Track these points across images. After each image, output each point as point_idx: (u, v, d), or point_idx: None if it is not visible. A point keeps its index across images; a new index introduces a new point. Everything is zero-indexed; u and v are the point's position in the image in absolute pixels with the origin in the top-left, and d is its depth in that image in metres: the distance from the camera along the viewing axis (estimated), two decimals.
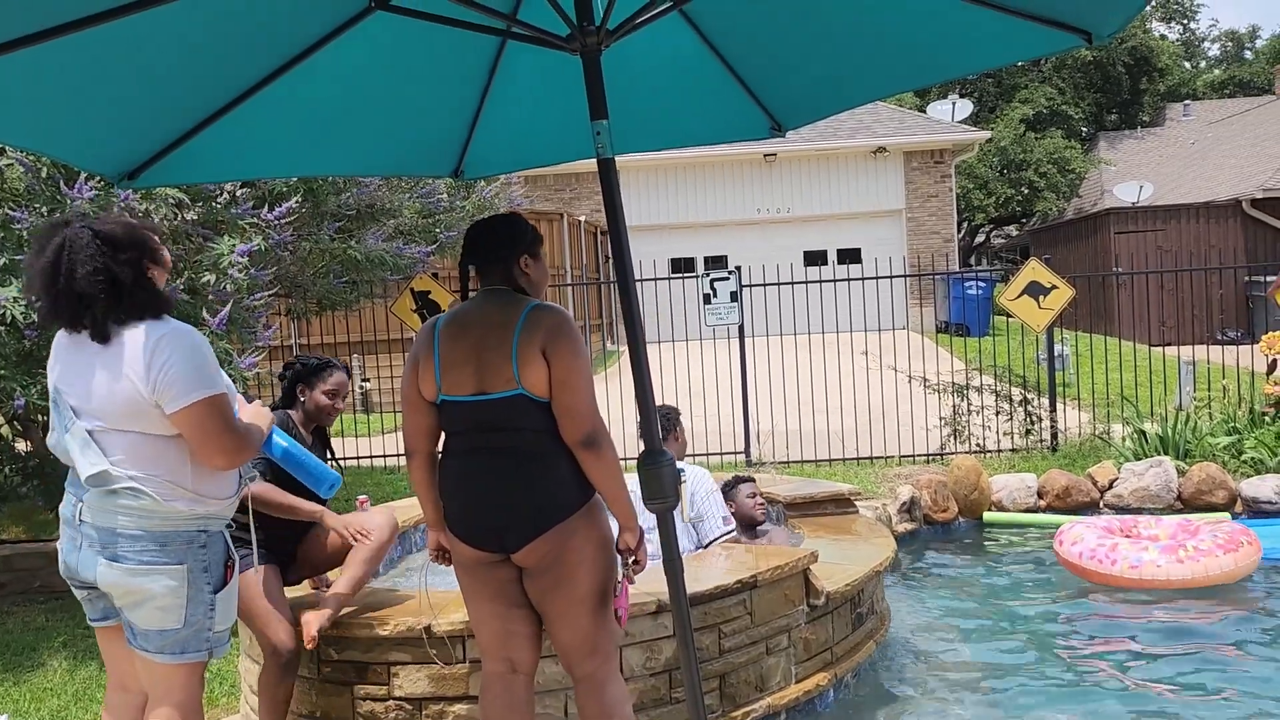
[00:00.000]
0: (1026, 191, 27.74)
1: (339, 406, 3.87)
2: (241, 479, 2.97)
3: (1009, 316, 10.04)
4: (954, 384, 9.04)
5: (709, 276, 8.96)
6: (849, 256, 20.14)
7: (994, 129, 27.69)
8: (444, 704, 3.63)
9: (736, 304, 8.85)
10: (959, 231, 25.16)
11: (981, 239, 35.31)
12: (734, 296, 8.86)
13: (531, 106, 3.57)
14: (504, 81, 3.44)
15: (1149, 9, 38.37)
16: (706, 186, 20.65)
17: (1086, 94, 33.93)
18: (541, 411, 2.83)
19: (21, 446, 6.73)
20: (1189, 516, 6.44)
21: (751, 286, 9.33)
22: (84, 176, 4.89)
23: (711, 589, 3.82)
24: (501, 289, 2.95)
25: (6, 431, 6.76)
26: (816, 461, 8.67)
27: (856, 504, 5.63)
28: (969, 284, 18.44)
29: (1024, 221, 31.41)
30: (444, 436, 2.99)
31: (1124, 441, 8.24)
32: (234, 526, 3.03)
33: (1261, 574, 5.77)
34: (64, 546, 2.83)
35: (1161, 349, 11.98)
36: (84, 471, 2.73)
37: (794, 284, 10.05)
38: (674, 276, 10.46)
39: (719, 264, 19.76)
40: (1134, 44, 33.25)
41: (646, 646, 3.71)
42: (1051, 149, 27.93)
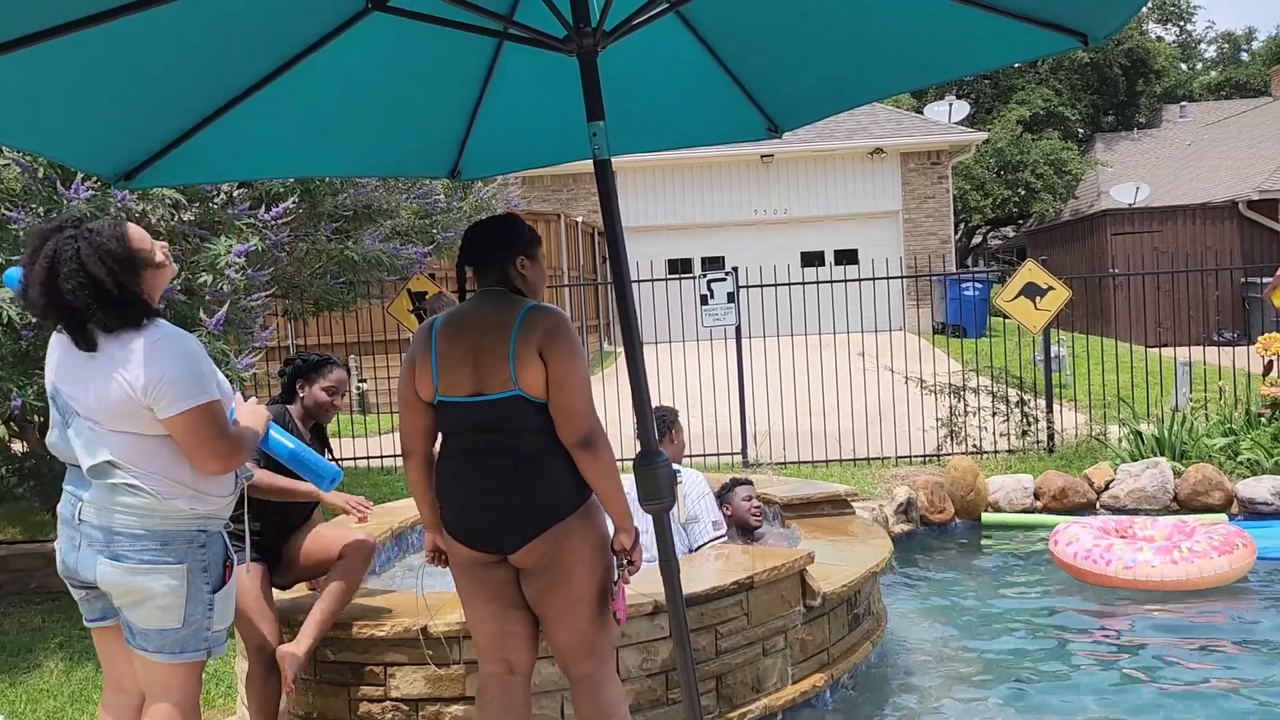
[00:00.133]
0: (1023, 193, 27.80)
1: (338, 404, 3.87)
2: (238, 478, 2.97)
3: (1006, 317, 10.05)
4: (951, 385, 9.06)
5: (706, 277, 8.96)
6: (846, 257, 20.16)
7: (991, 130, 27.75)
8: (440, 705, 3.63)
9: (733, 305, 8.85)
10: (956, 232, 25.15)
11: (978, 240, 35.36)
12: (731, 297, 8.86)
13: (528, 108, 3.57)
14: (501, 82, 3.44)
15: (1145, 11, 38.45)
16: (703, 187, 20.65)
17: (1083, 95, 34.01)
18: (539, 412, 2.83)
19: (17, 447, 6.72)
20: (1184, 517, 6.45)
21: (748, 287, 9.34)
22: (80, 177, 4.88)
23: (708, 590, 3.82)
24: (498, 290, 2.95)
25: (2, 432, 6.75)
26: (813, 462, 8.67)
27: (853, 505, 5.64)
28: (966, 285, 18.46)
29: (1021, 223, 31.45)
30: (441, 437, 2.99)
31: (1120, 442, 8.25)
32: (230, 526, 3.03)
33: (1259, 575, 5.78)
34: (62, 546, 2.83)
35: (1158, 350, 11.99)
36: (86, 463, 2.72)
37: (791, 285, 10.05)
38: (671, 277, 10.47)
39: (716, 265, 19.75)
40: (1131, 46, 33.35)
41: (643, 647, 3.72)
42: (1048, 150, 28.00)
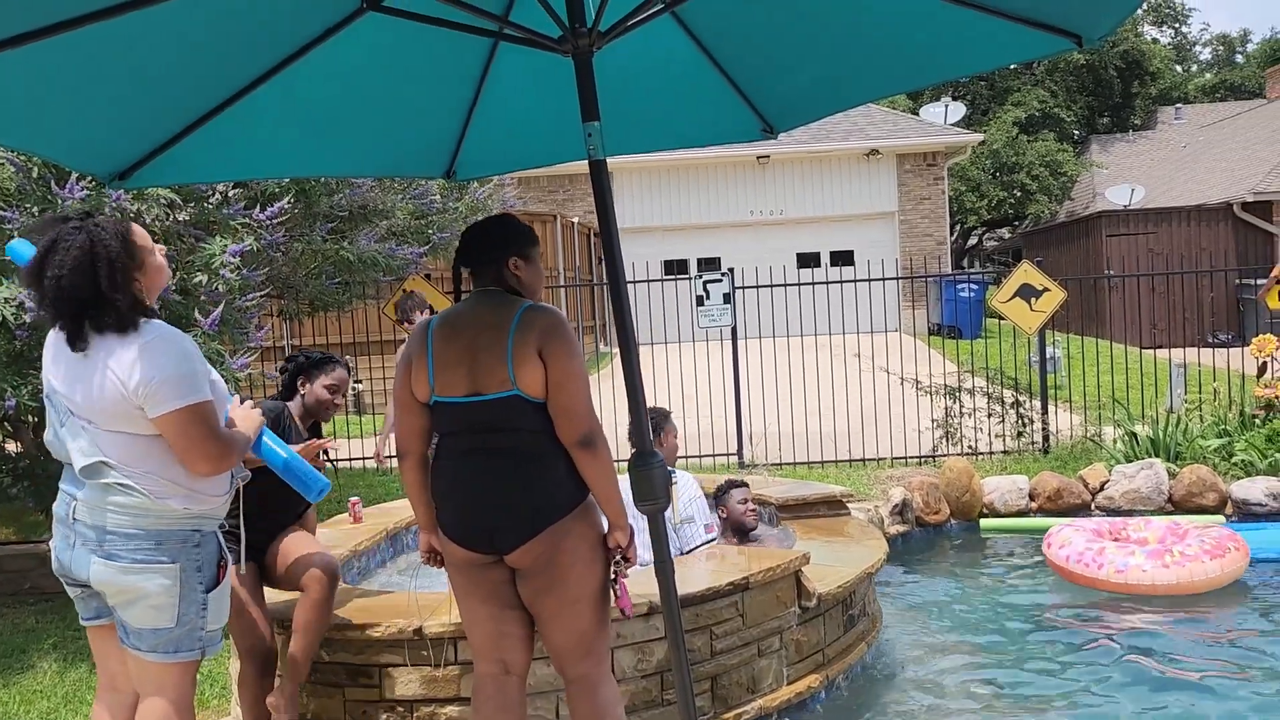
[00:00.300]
0: (1019, 194, 27.84)
1: (338, 402, 3.85)
2: (234, 477, 2.97)
3: (1001, 319, 10.06)
4: (946, 386, 9.07)
5: (702, 278, 8.97)
6: (842, 259, 20.17)
7: (986, 132, 27.79)
8: (435, 706, 3.63)
9: (729, 306, 8.86)
10: (951, 234, 25.21)
11: (974, 241, 35.42)
12: (727, 298, 8.86)
13: (524, 108, 3.57)
14: (496, 83, 3.44)
15: (1140, 13, 38.53)
16: (700, 188, 20.65)
17: (1079, 97, 34.08)
18: (538, 412, 2.83)
19: (11, 447, 6.70)
20: (1178, 519, 6.46)
21: (744, 288, 9.34)
22: (75, 176, 4.87)
23: (703, 590, 3.82)
24: (494, 290, 2.95)
25: None
26: (809, 463, 8.68)
27: (848, 506, 5.64)
28: (961, 286, 18.48)
29: (1016, 224, 31.52)
30: (437, 438, 2.99)
31: (1115, 444, 8.26)
32: (225, 527, 3.02)
33: (1258, 575, 5.80)
34: (57, 545, 2.83)
35: (1152, 351, 12.03)
36: (78, 463, 2.72)
37: (787, 286, 10.07)
38: (667, 278, 10.48)
39: (712, 266, 19.77)
40: (1126, 48, 33.44)
41: (638, 648, 3.71)
42: (1044, 152, 28.04)
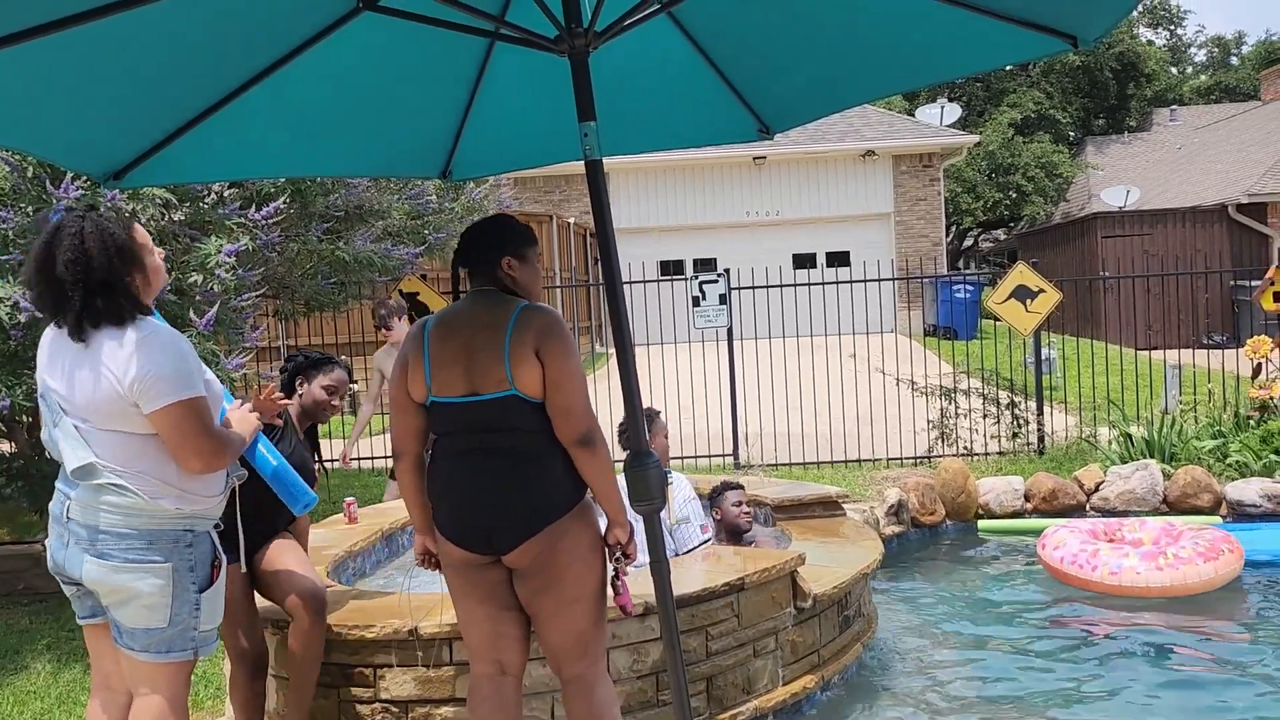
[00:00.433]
0: (1014, 195, 27.88)
1: (336, 404, 3.82)
2: (228, 477, 2.96)
3: (996, 320, 10.07)
4: (941, 387, 9.08)
5: (698, 279, 8.97)
6: (838, 259, 20.18)
7: (982, 133, 27.82)
8: (430, 706, 3.62)
9: (725, 307, 8.86)
10: (947, 235, 25.23)
11: (969, 242, 35.46)
12: (723, 299, 8.86)
13: (520, 108, 3.57)
14: (492, 83, 3.44)
15: (1136, 15, 38.59)
16: (696, 189, 20.66)
17: (1074, 99, 34.12)
18: (536, 412, 2.82)
19: (6, 447, 6.68)
20: (1172, 520, 6.47)
21: (740, 289, 9.34)
22: (70, 176, 4.87)
23: (699, 591, 3.82)
24: (490, 290, 2.94)
25: None
26: (804, 464, 8.68)
27: (844, 506, 5.64)
28: (957, 287, 18.51)
29: (1012, 225, 31.56)
30: (433, 438, 2.98)
31: (1110, 445, 8.27)
32: (220, 527, 3.01)
33: (1252, 577, 5.80)
34: (52, 544, 2.83)
35: (1148, 353, 12.05)
36: (70, 464, 2.72)
37: (783, 287, 10.07)
38: (663, 279, 10.48)
39: (708, 266, 19.79)
40: (1121, 49, 33.47)
41: (633, 649, 3.71)
42: (1039, 153, 28.08)
